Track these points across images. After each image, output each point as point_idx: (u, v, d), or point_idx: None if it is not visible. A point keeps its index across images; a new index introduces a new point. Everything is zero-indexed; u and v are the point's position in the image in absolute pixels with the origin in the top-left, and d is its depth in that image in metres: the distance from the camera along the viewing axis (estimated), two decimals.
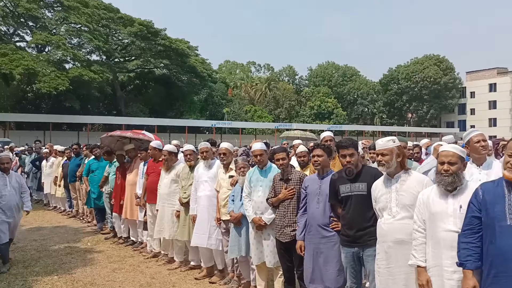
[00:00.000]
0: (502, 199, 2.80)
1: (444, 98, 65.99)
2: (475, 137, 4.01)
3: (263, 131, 52.68)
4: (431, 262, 3.17)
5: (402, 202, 3.46)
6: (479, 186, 3.00)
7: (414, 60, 68.29)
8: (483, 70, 70.02)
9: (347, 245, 3.92)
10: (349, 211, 3.90)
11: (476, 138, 3.99)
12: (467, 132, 4.19)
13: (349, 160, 3.89)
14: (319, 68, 72.28)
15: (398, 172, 3.57)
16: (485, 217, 2.85)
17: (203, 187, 5.97)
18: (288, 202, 4.62)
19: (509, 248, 2.69)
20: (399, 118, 70.32)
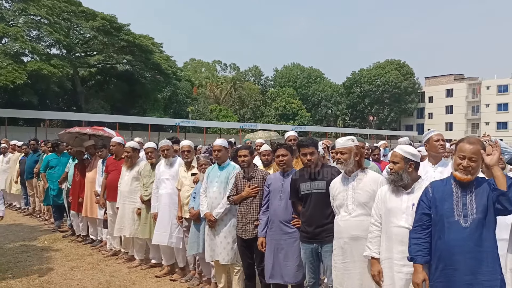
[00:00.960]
0: (451, 197, 2.97)
1: (404, 102, 68.15)
2: (435, 136, 4.25)
3: (228, 131, 52.61)
4: (383, 254, 3.34)
5: (358, 200, 3.61)
6: (429, 185, 3.17)
7: (376, 65, 70.16)
8: (441, 76, 72.91)
9: (306, 241, 4.02)
10: (308, 209, 4.01)
11: (435, 137, 4.23)
12: (427, 132, 4.43)
13: (310, 159, 4.00)
14: (285, 69, 73.00)
15: (355, 170, 3.72)
16: (434, 214, 3.02)
17: (165, 185, 5.94)
18: (251, 200, 4.68)
19: (456, 242, 2.86)
20: (361, 121, 72.00)
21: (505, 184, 2.77)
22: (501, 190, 2.77)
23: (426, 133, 4.40)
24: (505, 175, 2.87)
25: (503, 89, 65.14)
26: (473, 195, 2.91)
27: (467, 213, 2.88)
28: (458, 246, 2.85)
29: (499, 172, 2.83)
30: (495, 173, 2.83)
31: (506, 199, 2.76)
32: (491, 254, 2.84)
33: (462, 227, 2.86)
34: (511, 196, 2.74)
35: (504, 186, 2.76)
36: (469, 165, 2.88)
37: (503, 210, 2.83)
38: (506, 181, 2.77)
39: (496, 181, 2.82)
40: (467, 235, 2.84)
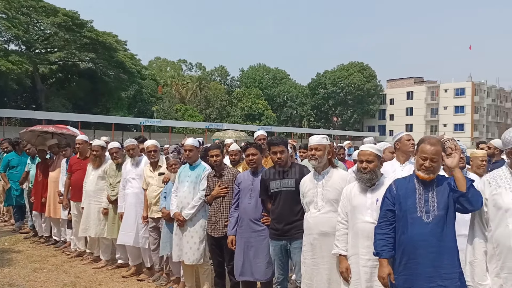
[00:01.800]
0: (414, 194, 3.11)
1: (366, 103, 69.89)
2: (406, 136, 4.50)
3: (194, 131, 52.24)
4: (350, 251, 3.44)
5: (327, 197, 3.71)
6: (393, 182, 3.30)
7: (340, 67, 71.61)
8: (402, 78, 75.32)
9: (276, 238, 4.10)
10: (278, 206, 4.08)
11: (407, 137, 4.48)
12: (398, 133, 4.68)
13: (280, 157, 4.09)
14: (251, 69, 73.24)
15: (326, 168, 3.82)
16: (398, 210, 3.15)
17: (131, 185, 5.89)
18: (221, 198, 4.72)
19: (419, 237, 3.00)
20: (325, 121, 73.25)
21: (465, 186, 2.90)
22: (461, 192, 2.91)
23: (397, 134, 4.63)
24: (465, 176, 3.02)
25: (460, 92, 67.98)
26: (435, 192, 3.06)
27: (429, 209, 3.01)
28: (421, 240, 2.98)
29: (460, 174, 2.97)
30: (456, 175, 2.96)
31: (465, 200, 2.90)
32: (451, 248, 2.99)
33: (424, 223, 3.00)
34: (470, 197, 2.88)
35: (464, 188, 2.90)
36: (430, 166, 3.01)
37: (462, 210, 2.97)
38: (466, 183, 2.92)
39: (456, 183, 2.95)
40: (429, 230, 2.97)
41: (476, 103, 67.10)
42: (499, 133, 67.68)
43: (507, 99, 75.99)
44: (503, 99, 74.76)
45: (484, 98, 68.80)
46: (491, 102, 70.56)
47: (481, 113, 67.87)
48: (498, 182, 2.87)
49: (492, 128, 70.79)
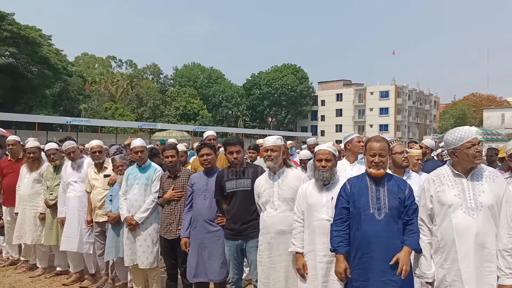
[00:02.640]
0: (366, 192, 3.29)
1: (299, 104, 71.80)
2: (356, 138, 4.71)
3: (125, 130, 50.45)
4: (307, 248, 3.55)
5: (284, 196, 3.79)
6: (347, 181, 3.46)
7: (274, 68, 72.88)
8: (332, 81, 78.37)
9: (232, 238, 4.11)
10: (234, 206, 4.10)
11: (357, 139, 4.70)
12: (348, 134, 4.90)
13: (236, 157, 4.11)
14: (185, 68, 72.21)
15: (281, 168, 3.90)
16: (352, 208, 3.31)
17: (73, 188, 5.60)
18: (175, 200, 4.64)
19: (372, 233, 3.18)
20: (260, 122, 74.17)
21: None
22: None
23: (348, 135, 4.83)
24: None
25: (384, 94, 72.05)
26: (386, 191, 3.25)
27: (381, 207, 3.20)
28: (374, 236, 3.17)
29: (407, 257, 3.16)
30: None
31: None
32: (400, 243, 3.19)
33: (376, 220, 3.18)
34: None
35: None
36: (380, 160, 3.22)
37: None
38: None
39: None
40: (381, 227, 3.17)
41: (399, 105, 71.48)
42: (419, 133, 72.79)
43: (426, 102, 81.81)
44: (422, 102, 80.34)
45: (406, 101, 73.44)
46: (412, 104, 75.53)
47: (403, 115, 72.39)
48: (441, 180, 3.08)
49: (413, 129, 75.82)
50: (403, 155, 4.16)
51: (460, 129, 3.06)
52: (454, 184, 3.01)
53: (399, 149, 4.19)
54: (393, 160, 4.17)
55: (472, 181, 2.99)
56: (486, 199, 2.91)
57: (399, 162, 4.16)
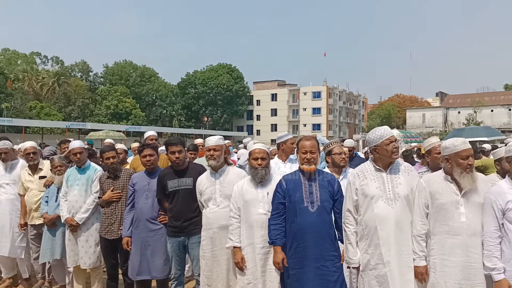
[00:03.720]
0: (300, 187, 3.61)
1: (235, 104, 72.27)
2: (291, 140, 5.09)
3: (52, 130, 47.89)
4: (246, 241, 3.79)
5: (225, 193, 4.01)
6: (282, 178, 3.77)
7: (209, 67, 72.70)
8: (267, 81, 79.76)
9: (174, 235, 4.25)
10: (176, 204, 4.24)
11: (291, 141, 5.07)
12: (282, 134, 5.20)
13: (178, 157, 4.24)
14: (116, 66, 69.75)
15: (222, 167, 4.12)
16: (288, 202, 3.62)
17: (4, 190, 5.42)
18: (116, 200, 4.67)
19: (306, 224, 3.50)
20: (196, 121, 73.64)
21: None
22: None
23: (282, 135, 5.16)
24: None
25: (317, 95, 74.62)
26: (317, 186, 3.60)
27: (314, 200, 3.54)
28: (308, 227, 3.50)
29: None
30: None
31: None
32: (331, 234, 3.57)
33: (310, 212, 3.52)
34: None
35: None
36: (311, 157, 3.57)
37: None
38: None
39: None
40: (314, 219, 3.50)
41: (331, 105, 74.40)
42: (349, 132, 76.19)
43: (355, 102, 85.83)
44: (352, 102, 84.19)
45: (337, 101, 76.58)
46: (343, 104, 78.95)
47: (334, 114, 75.43)
48: (365, 174, 3.45)
49: (343, 128, 79.26)
50: (341, 155, 4.49)
51: (380, 129, 3.45)
52: (376, 177, 3.39)
53: (337, 150, 4.50)
54: (332, 160, 4.49)
55: (391, 174, 3.38)
56: (402, 190, 3.31)
57: (337, 162, 4.47)
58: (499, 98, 67.41)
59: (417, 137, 13.93)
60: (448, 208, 3.19)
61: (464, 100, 69.27)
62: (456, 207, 3.17)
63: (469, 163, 3.16)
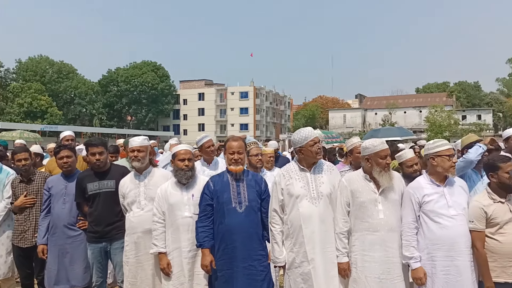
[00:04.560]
0: (228, 188, 3.61)
1: (161, 103, 70.56)
2: (206, 143, 5.06)
3: None
4: (172, 246, 3.69)
5: (150, 195, 3.87)
6: (210, 179, 3.74)
7: (133, 65, 70.27)
8: (194, 80, 78.86)
9: (95, 241, 4.04)
10: (97, 208, 4.03)
11: (207, 143, 5.06)
12: (201, 137, 5.15)
13: (99, 158, 4.03)
14: (30, 61, 64.84)
15: (147, 168, 3.98)
16: (216, 204, 3.59)
17: None
18: (30, 206, 4.34)
19: (234, 225, 3.51)
20: (119, 120, 70.82)
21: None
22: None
23: (201, 138, 5.16)
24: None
25: (244, 95, 75.24)
26: (245, 186, 3.62)
27: (241, 201, 3.55)
28: (236, 227, 3.50)
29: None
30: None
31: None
32: (259, 234, 3.60)
33: (238, 212, 3.53)
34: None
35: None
36: (238, 158, 3.57)
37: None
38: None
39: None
40: (242, 219, 3.52)
41: (258, 106, 75.40)
42: (275, 132, 77.83)
43: (281, 102, 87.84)
44: (278, 102, 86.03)
45: (263, 101, 77.79)
46: (269, 104, 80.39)
47: (261, 114, 76.57)
48: (290, 174, 3.53)
49: (270, 128, 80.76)
50: (257, 157, 4.65)
51: (304, 130, 3.54)
52: (300, 177, 3.48)
53: (254, 152, 4.67)
54: (249, 161, 4.61)
55: (314, 174, 3.49)
56: (325, 189, 3.44)
57: (254, 164, 4.64)
58: (411, 101, 72.72)
59: (338, 137, 14.65)
60: (367, 206, 3.37)
61: (380, 102, 73.72)
62: (375, 205, 3.36)
63: (387, 162, 3.36)
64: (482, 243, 3.26)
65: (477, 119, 62.08)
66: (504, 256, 3.22)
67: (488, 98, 71.30)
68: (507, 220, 3.25)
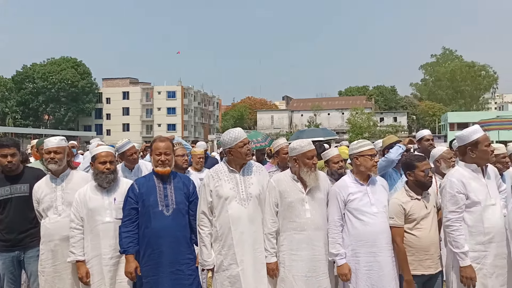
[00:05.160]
0: (155, 190, 3.48)
1: (81, 101, 66.93)
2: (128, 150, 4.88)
3: None
4: (90, 254, 3.49)
5: (68, 200, 3.63)
6: (135, 182, 3.60)
7: (51, 61, 66.01)
8: (118, 78, 75.84)
9: (6, 250, 3.73)
10: (8, 215, 3.73)
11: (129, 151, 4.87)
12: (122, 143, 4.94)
13: (11, 160, 3.72)
14: None
15: (64, 171, 3.72)
16: (141, 207, 3.45)
17: None
18: None
19: (160, 228, 3.39)
20: (35, 120, 66.08)
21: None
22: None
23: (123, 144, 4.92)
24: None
25: (171, 95, 73.83)
26: (172, 188, 3.51)
27: (169, 203, 3.45)
28: (163, 231, 3.39)
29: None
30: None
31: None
32: (187, 237, 3.52)
33: (165, 216, 3.42)
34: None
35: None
36: (165, 159, 3.45)
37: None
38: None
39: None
40: (169, 222, 3.42)
41: (186, 106, 74.38)
42: (204, 133, 77.39)
43: (210, 103, 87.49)
44: (206, 103, 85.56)
45: (192, 101, 76.91)
46: (197, 105, 79.68)
47: (189, 115, 75.63)
48: (219, 175, 3.49)
49: (198, 128, 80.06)
50: (184, 157, 4.56)
51: (234, 131, 3.52)
52: (230, 179, 3.45)
53: (180, 152, 4.59)
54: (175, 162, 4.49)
55: (244, 175, 3.48)
56: (254, 190, 3.45)
57: (180, 164, 4.56)
58: (334, 103, 76.02)
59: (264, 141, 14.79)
60: (295, 205, 3.43)
61: (306, 104, 76.25)
62: (302, 204, 3.43)
63: (313, 163, 3.44)
64: (401, 238, 3.44)
65: (393, 121, 66.44)
66: (421, 250, 3.43)
67: (403, 102, 76.46)
68: (423, 215, 3.46)
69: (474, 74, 69.76)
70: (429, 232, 3.45)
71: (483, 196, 3.30)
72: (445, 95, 71.53)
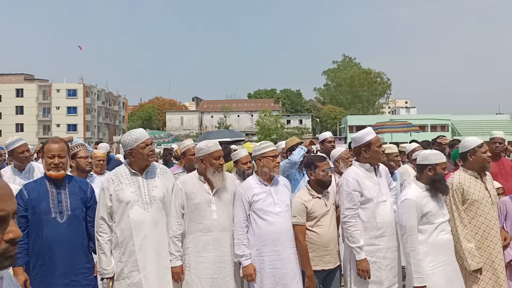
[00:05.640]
0: (47, 196, 3.22)
1: None
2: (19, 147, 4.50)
3: None
4: None
5: None
6: (23, 187, 3.30)
7: None
8: (11, 74, 69.27)
9: None
10: None
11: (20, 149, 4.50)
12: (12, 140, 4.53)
13: None
14: None
15: None
16: (31, 215, 3.18)
17: None
18: None
19: (54, 236, 3.15)
20: None
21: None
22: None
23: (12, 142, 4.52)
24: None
25: (72, 93, 69.22)
26: (67, 193, 3.28)
27: (63, 210, 3.22)
28: (57, 240, 3.15)
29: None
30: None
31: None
32: (84, 245, 3.31)
33: (59, 223, 3.18)
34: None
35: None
36: (59, 162, 3.21)
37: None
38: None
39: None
40: (64, 230, 3.18)
41: (88, 105, 70.22)
42: (109, 134, 73.76)
43: (115, 103, 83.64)
44: (111, 102, 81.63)
45: (95, 100, 72.84)
46: (102, 104, 75.68)
47: (92, 114, 71.54)
48: (120, 179, 3.33)
49: (103, 129, 76.08)
50: (87, 159, 4.31)
51: (135, 131, 3.38)
52: (131, 182, 3.31)
53: (83, 154, 4.34)
54: (77, 164, 4.26)
55: (147, 178, 3.36)
56: (158, 193, 3.34)
57: (83, 166, 4.31)
58: (243, 105, 77.21)
59: (167, 137, 14.53)
60: (202, 207, 3.40)
61: (216, 106, 76.45)
62: (209, 205, 3.41)
63: (220, 163, 3.43)
64: (303, 235, 3.57)
65: (299, 123, 69.26)
66: (321, 246, 3.59)
67: (308, 105, 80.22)
68: (323, 213, 3.63)
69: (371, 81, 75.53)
70: (329, 229, 3.62)
71: (375, 193, 3.54)
72: (345, 99, 76.47)
